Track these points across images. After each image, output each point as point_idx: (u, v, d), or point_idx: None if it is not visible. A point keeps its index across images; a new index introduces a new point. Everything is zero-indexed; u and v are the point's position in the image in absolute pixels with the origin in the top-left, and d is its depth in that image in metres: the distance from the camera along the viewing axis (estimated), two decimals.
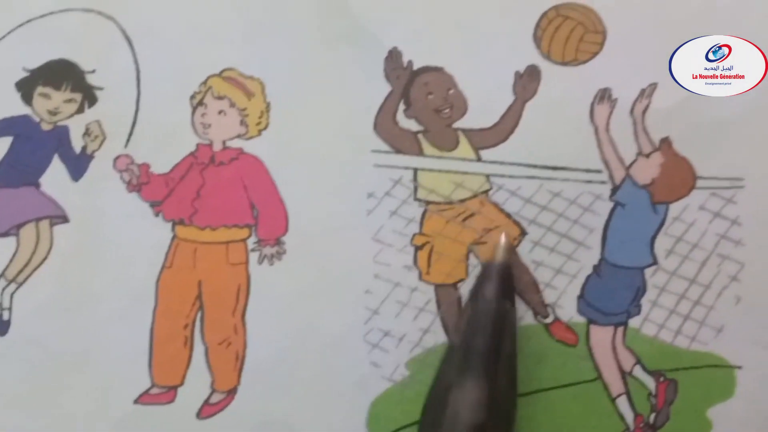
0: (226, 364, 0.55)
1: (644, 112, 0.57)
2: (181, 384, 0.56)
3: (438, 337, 0.56)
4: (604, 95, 0.57)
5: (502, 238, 0.55)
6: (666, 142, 0.57)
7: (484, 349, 0.51)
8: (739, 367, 0.56)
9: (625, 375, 0.56)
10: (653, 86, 0.57)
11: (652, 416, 0.56)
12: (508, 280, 0.54)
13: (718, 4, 0.57)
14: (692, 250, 0.57)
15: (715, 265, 0.57)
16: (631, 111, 0.57)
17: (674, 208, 0.57)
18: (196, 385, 0.56)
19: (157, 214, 0.56)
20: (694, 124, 0.57)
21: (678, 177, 0.57)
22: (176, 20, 0.57)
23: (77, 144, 0.57)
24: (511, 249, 0.55)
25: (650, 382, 0.56)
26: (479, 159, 0.57)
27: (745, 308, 0.56)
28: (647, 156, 0.57)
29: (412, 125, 0.57)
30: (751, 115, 0.57)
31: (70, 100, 0.57)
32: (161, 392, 0.55)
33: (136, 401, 0.55)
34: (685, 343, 0.56)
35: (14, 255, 0.56)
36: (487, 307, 0.52)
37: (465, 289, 0.57)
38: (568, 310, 0.56)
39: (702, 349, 0.56)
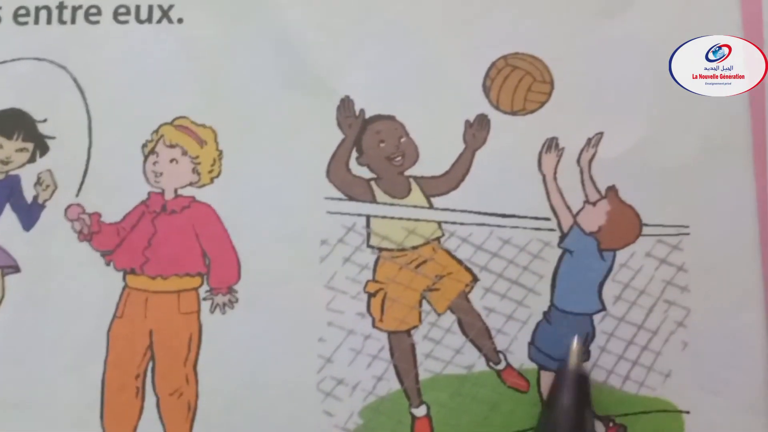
0: (178, 415, 0.55)
1: (591, 160, 0.59)
2: None
3: (392, 384, 0.57)
4: (551, 144, 0.59)
5: (575, 343, 0.55)
6: (612, 190, 0.58)
7: None
8: (687, 412, 0.57)
9: None
10: (599, 135, 0.59)
11: None
12: (584, 387, 0.54)
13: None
14: (639, 296, 0.58)
15: (662, 311, 0.58)
16: (578, 160, 0.59)
17: (621, 255, 0.58)
18: None
19: (108, 264, 0.57)
20: (640, 172, 0.58)
21: (624, 224, 0.58)
22: (128, 69, 0.58)
23: (28, 193, 0.57)
24: (584, 353, 0.55)
25: (600, 428, 0.57)
26: (431, 206, 0.58)
27: (692, 353, 0.57)
28: (594, 204, 0.58)
29: (364, 172, 0.58)
30: (696, 164, 0.58)
31: (21, 149, 0.57)
32: None
33: None
34: (634, 389, 0.57)
35: None
36: (564, 417, 0.52)
37: (418, 336, 0.57)
38: (519, 356, 0.57)
39: (650, 394, 0.57)
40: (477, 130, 0.59)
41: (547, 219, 0.58)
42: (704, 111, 0.59)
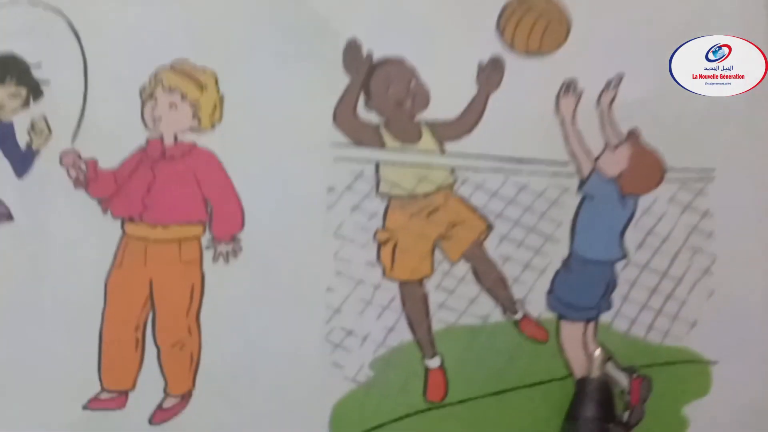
0: (179, 368, 0.54)
1: (611, 103, 0.57)
2: (133, 388, 0.54)
3: (403, 336, 0.56)
4: (569, 87, 0.57)
5: (597, 352, 0.54)
6: (633, 134, 0.57)
7: None
8: (715, 362, 0.56)
9: None
10: (620, 77, 0.57)
11: (626, 414, 0.55)
12: (607, 397, 0.53)
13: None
14: (663, 243, 0.57)
15: (686, 258, 0.57)
16: (598, 103, 0.57)
17: (644, 201, 0.57)
18: (149, 389, 0.54)
19: (105, 212, 0.55)
20: (663, 115, 0.57)
21: (646, 169, 0.57)
22: (125, 11, 0.56)
23: (22, 140, 0.55)
24: (606, 361, 0.55)
25: (623, 379, 0.55)
26: (443, 152, 0.57)
27: (719, 301, 0.57)
28: (614, 148, 0.57)
29: (372, 118, 0.57)
30: (721, 106, 0.57)
31: (14, 95, 0.55)
32: (111, 397, 0.54)
33: (85, 407, 0.54)
34: (659, 339, 0.56)
35: None
36: (587, 428, 0.52)
37: (431, 285, 0.56)
38: (537, 306, 0.56)
39: (675, 344, 0.56)
40: (491, 73, 0.57)
41: (566, 164, 0.57)
42: None
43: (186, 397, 0.54)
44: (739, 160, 0.57)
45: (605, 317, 0.56)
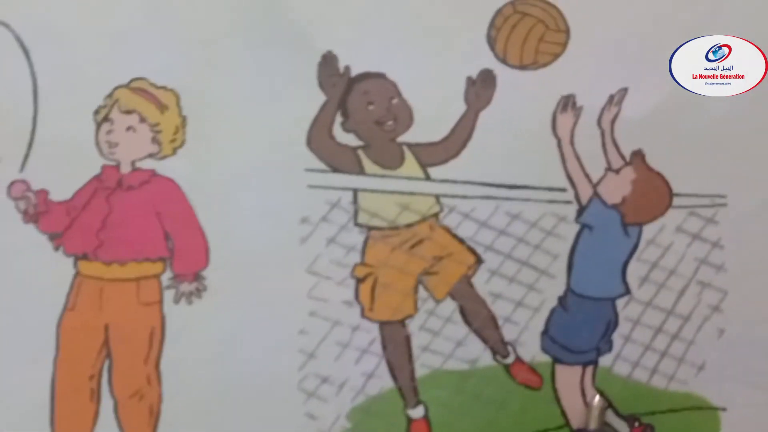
0: (138, 421, 0.52)
1: (613, 121, 0.54)
2: None
3: (384, 383, 0.53)
4: (567, 103, 0.54)
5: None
6: (638, 155, 0.54)
7: None
8: (724, 409, 0.54)
9: None
10: (623, 92, 0.54)
11: None
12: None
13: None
14: (669, 278, 0.55)
15: (694, 294, 0.55)
16: (599, 121, 0.54)
17: (648, 230, 0.54)
18: None
19: (57, 248, 0.52)
20: (670, 134, 0.55)
21: (652, 195, 0.54)
22: (78, 25, 0.53)
23: None
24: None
25: (624, 428, 0.53)
26: (427, 177, 0.54)
27: (729, 342, 0.54)
28: (617, 172, 0.54)
29: (350, 140, 0.54)
30: (733, 124, 0.54)
31: None
32: None
33: None
34: (663, 383, 0.54)
35: None
36: None
37: (414, 326, 0.53)
38: (530, 348, 0.54)
39: (681, 389, 0.54)
40: (480, 89, 0.54)
41: (563, 190, 0.54)
42: None
43: None
44: (753, 185, 0.55)
45: (605, 360, 0.54)
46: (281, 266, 0.52)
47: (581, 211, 0.54)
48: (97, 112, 0.53)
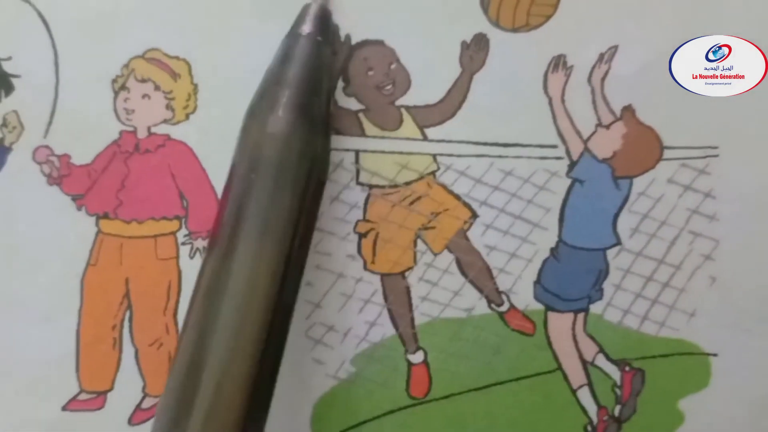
0: (158, 367, 0.55)
1: (603, 78, 0.55)
2: (111, 389, 0.56)
3: (386, 330, 0.56)
4: (558, 62, 0.56)
5: None
6: (628, 110, 0.55)
7: (297, 81, 0.49)
8: (715, 355, 0.55)
9: (586, 365, 0.56)
10: (613, 49, 0.55)
11: (617, 408, 0.55)
12: (324, 22, 0.52)
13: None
14: (660, 228, 0.56)
15: (686, 244, 0.56)
16: (589, 78, 0.56)
17: (639, 183, 0.56)
18: (127, 389, 0.56)
19: (79, 208, 0.56)
20: (660, 89, 0.55)
21: (643, 148, 0.55)
22: (96, 0, 0.56)
23: None
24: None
25: (614, 372, 0.55)
26: (425, 138, 0.56)
27: (721, 289, 0.55)
28: (607, 127, 0.56)
29: (351, 104, 0.56)
30: None
31: None
32: (90, 398, 0.55)
33: (64, 408, 0.56)
34: (653, 330, 0.56)
35: None
36: (302, 42, 0.51)
37: (413, 278, 0.56)
38: (524, 297, 0.56)
39: (672, 335, 0.55)
40: (474, 52, 0.56)
41: (554, 146, 0.56)
42: None
43: None
44: (744, 136, 0.55)
45: (596, 307, 0.56)
46: None
47: (572, 166, 0.55)
48: (114, 81, 0.56)
